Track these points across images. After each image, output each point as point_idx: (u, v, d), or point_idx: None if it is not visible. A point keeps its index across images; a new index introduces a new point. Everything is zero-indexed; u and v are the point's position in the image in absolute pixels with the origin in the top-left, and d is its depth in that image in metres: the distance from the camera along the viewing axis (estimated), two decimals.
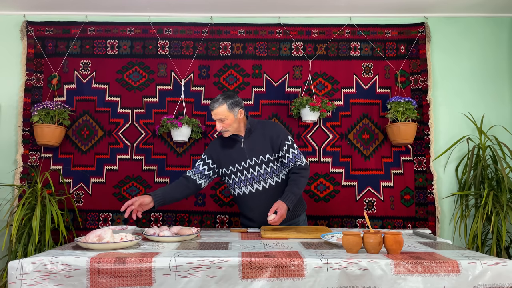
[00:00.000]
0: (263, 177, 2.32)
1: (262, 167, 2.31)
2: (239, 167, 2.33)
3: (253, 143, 2.32)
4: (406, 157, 3.18)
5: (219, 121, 2.27)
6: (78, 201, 3.13)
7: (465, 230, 2.95)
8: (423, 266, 1.47)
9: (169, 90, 3.23)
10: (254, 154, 2.31)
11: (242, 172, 2.32)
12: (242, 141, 2.34)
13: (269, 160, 2.31)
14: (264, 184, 2.32)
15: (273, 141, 2.32)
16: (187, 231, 1.96)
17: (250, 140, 2.33)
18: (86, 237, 1.73)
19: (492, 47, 3.30)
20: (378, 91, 3.24)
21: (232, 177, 2.36)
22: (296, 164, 2.33)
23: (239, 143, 2.35)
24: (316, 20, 3.31)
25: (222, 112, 2.24)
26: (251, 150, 2.32)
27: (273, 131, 2.34)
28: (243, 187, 2.35)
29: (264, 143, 2.31)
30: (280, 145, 2.31)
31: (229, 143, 2.38)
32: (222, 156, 2.37)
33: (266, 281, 1.48)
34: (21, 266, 1.49)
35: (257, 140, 2.33)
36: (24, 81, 3.20)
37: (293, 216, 2.41)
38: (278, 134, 2.32)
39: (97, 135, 3.18)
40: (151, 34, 3.28)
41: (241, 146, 2.33)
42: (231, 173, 2.35)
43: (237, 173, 2.34)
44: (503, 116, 3.24)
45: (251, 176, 2.32)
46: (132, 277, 1.48)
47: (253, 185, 2.32)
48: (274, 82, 3.24)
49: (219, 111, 2.24)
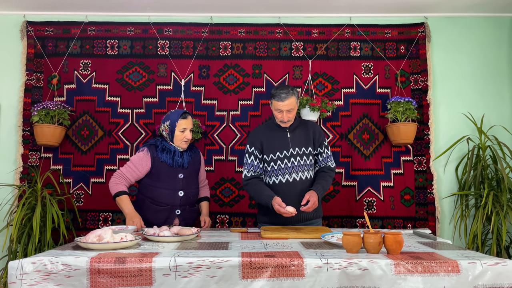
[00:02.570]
0: (301, 168, 2.40)
1: (302, 158, 2.40)
2: (280, 155, 2.40)
3: (298, 135, 2.44)
4: (406, 157, 3.18)
5: (286, 112, 2.34)
6: (78, 201, 3.13)
7: (465, 230, 2.95)
8: (423, 266, 1.47)
9: (169, 90, 3.23)
10: (297, 144, 2.42)
11: (283, 160, 2.39)
12: (287, 131, 2.44)
13: (310, 153, 2.43)
14: (302, 175, 2.40)
15: (315, 137, 2.46)
16: (187, 231, 1.96)
17: (296, 131, 2.45)
18: (86, 237, 1.73)
19: (492, 47, 3.30)
20: (378, 91, 3.24)
21: (272, 164, 2.41)
22: (327, 165, 2.47)
23: (285, 132, 2.44)
24: (316, 20, 3.31)
25: (292, 103, 2.33)
26: (295, 140, 2.42)
27: (315, 128, 2.50)
28: (280, 175, 2.40)
29: (308, 137, 2.44)
30: (321, 142, 2.47)
31: (273, 131, 2.46)
32: (266, 143, 2.44)
33: (266, 281, 1.48)
34: (21, 266, 1.49)
35: (302, 133, 2.45)
36: (24, 81, 3.20)
37: (314, 216, 2.46)
38: (320, 132, 2.50)
39: (97, 135, 3.18)
40: (151, 34, 3.28)
41: (287, 135, 2.43)
42: (271, 160, 2.41)
43: (278, 160, 2.40)
44: (503, 116, 3.24)
45: (291, 165, 2.39)
46: (132, 277, 1.48)
47: (291, 174, 2.39)
48: (274, 82, 3.24)
49: (290, 102, 2.32)
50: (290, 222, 2.40)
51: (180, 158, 2.47)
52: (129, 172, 2.42)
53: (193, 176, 2.54)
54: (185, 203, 2.48)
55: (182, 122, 2.43)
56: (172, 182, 2.44)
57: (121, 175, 2.41)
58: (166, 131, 2.48)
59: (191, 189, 2.51)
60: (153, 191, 2.44)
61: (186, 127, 2.44)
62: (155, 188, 2.44)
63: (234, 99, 3.22)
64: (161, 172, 2.43)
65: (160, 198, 2.43)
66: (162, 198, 2.43)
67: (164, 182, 2.43)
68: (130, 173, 2.42)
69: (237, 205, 3.14)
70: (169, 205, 2.43)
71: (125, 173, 2.42)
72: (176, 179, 2.44)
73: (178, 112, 2.47)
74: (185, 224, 2.50)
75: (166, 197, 2.43)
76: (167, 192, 2.43)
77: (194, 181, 2.55)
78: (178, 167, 2.46)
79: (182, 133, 2.44)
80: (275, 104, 2.35)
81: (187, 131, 2.45)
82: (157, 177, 2.43)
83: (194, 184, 2.54)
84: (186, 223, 2.51)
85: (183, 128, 2.44)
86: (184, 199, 2.46)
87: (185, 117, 2.45)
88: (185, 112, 2.48)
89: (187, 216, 2.52)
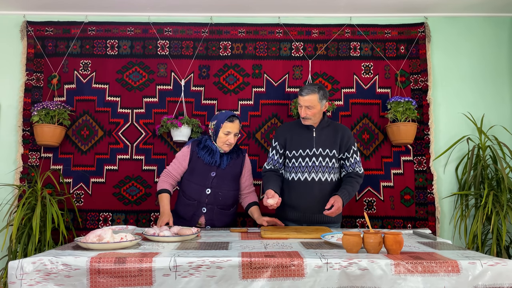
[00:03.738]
0: (322, 169, 2.41)
1: (325, 160, 2.41)
2: (303, 153, 2.42)
3: (324, 136, 2.46)
4: (406, 157, 3.18)
5: (305, 108, 2.37)
6: (78, 201, 3.13)
7: (465, 230, 2.95)
8: (423, 266, 1.47)
9: (169, 90, 3.23)
10: (322, 145, 2.43)
11: (304, 159, 2.41)
12: (314, 130, 2.46)
13: (334, 156, 2.44)
14: (321, 176, 2.41)
15: (343, 141, 2.46)
16: (187, 231, 1.96)
17: (322, 132, 2.47)
18: (86, 237, 1.73)
19: (492, 47, 3.30)
20: (378, 91, 3.24)
21: (293, 161, 2.44)
22: (355, 170, 2.48)
23: (311, 131, 2.46)
24: (316, 20, 3.31)
25: (312, 101, 2.35)
26: (321, 140, 2.44)
27: (345, 132, 2.49)
28: (299, 173, 2.42)
29: (335, 139, 2.45)
30: (348, 147, 2.46)
31: (300, 129, 2.49)
32: (290, 139, 2.48)
33: (266, 281, 1.48)
34: (21, 266, 1.49)
35: (329, 135, 2.46)
36: (24, 81, 3.20)
37: (334, 220, 2.47)
38: (349, 136, 2.48)
39: (97, 135, 3.18)
40: (151, 34, 3.28)
41: (313, 134, 2.45)
42: (293, 156, 2.44)
43: (299, 158, 2.42)
44: (503, 116, 3.24)
45: (312, 165, 2.40)
46: (132, 277, 1.48)
47: (311, 173, 2.40)
48: (274, 82, 3.24)
49: (309, 99, 2.35)
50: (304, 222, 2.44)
51: (219, 158, 2.48)
52: (174, 168, 2.52)
53: (228, 178, 2.50)
54: (213, 202, 2.46)
55: (228, 125, 2.43)
56: (202, 179, 2.46)
57: (167, 173, 2.53)
58: (212, 130, 2.51)
59: (222, 190, 2.47)
60: (186, 184, 2.51)
61: (230, 130, 2.43)
62: (188, 182, 2.50)
63: (234, 99, 3.22)
64: (195, 168, 2.48)
65: (190, 193, 2.48)
66: (191, 193, 2.48)
67: (196, 177, 2.47)
68: (175, 169, 2.52)
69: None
70: (196, 200, 2.46)
71: (171, 170, 2.53)
72: (208, 177, 2.46)
73: (227, 114, 2.46)
74: (212, 226, 2.49)
75: (194, 192, 2.47)
76: (196, 188, 2.46)
77: (228, 182, 2.50)
78: (213, 166, 2.47)
79: (225, 136, 2.44)
80: (298, 100, 2.40)
81: (231, 135, 2.44)
82: (191, 171, 2.50)
83: (227, 186, 2.49)
84: (212, 226, 2.49)
85: (227, 131, 2.43)
86: (211, 198, 2.45)
87: (232, 120, 2.44)
88: (233, 116, 2.46)
89: (214, 217, 2.48)
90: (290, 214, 2.48)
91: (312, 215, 2.42)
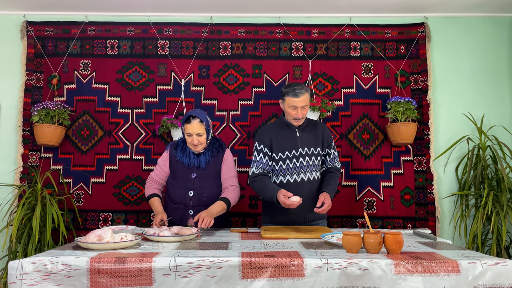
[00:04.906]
0: (309, 168, 2.39)
1: (311, 159, 2.40)
2: (289, 155, 2.38)
3: (307, 135, 2.42)
4: (406, 157, 3.18)
5: (301, 108, 2.32)
6: (78, 201, 3.13)
7: (465, 230, 2.95)
8: (423, 266, 1.47)
9: (169, 90, 3.23)
10: (307, 144, 2.40)
11: (292, 160, 2.38)
12: (297, 130, 2.41)
13: (318, 153, 2.43)
14: (310, 175, 2.39)
15: (324, 138, 2.45)
16: (187, 231, 1.96)
17: (305, 131, 2.43)
18: (86, 237, 1.73)
19: (492, 47, 3.30)
20: (378, 91, 3.24)
21: (280, 163, 2.39)
22: (334, 165, 2.49)
23: (294, 132, 2.42)
24: (316, 20, 3.31)
25: (306, 99, 2.32)
26: (305, 140, 2.40)
27: (324, 129, 2.48)
28: (288, 175, 2.39)
29: (316, 137, 2.43)
30: (329, 143, 2.46)
31: (283, 130, 2.43)
32: (275, 141, 2.41)
33: (266, 281, 1.48)
34: (21, 266, 1.49)
35: (311, 133, 2.43)
36: (24, 81, 3.20)
37: (320, 216, 2.47)
38: (328, 133, 2.49)
39: (97, 135, 3.18)
40: (151, 34, 3.28)
41: (296, 134, 2.41)
42: (279, 159, 2.39)
43: (286, 160, 2.38)
44: (503, 116, 3.24)
45: (300, 165, 2.38)
46: (132, 277, 1.48)
47: (299, 174, 2.38)
48: (274, 82, 3.24)
49: (305, 98, 2.31)
50: (296, 223, 2.41)
51: (196, 159, 2.43)
52: (156, 174, 2.51)
53: (210, 177, 2.43)
54: (198, 204, 2.41)
55: (187, 127, 2.35)
56: (184, 181, 2.42)
57: (151, 179, 2.53)
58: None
59: (205, 190, 2.41)
60: (170, 189, 2.50)
61: (190, 132, 2.34)
62: (171, 186, 2.48)
63: (234, 99, 3.22)
64: (177, 171, 2.45)
65: (174, 197, 2.46)
66: (175, 197, 2.46)
67: (178, 180, 2.44)
68: (157, 175, 2.51)
69: (237, 205, 3.14)
70: (181, 204, 2.44)
71: (154, 177, 2.52)
72: (189, 179, 2.42)
73: (186, 115, 2.39)
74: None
75: (178, 196, 2.44)
76: (179, 191, 2.44)
77: (211, 182, 2.43)
78: (194, 167, 2.43)
79: (189, 137, 2.37)
80: (289, 101, 2.30)
81: (193, 136, 2.34)
82: (173, 175, 2.47)
83: (210, 185, 2.43)
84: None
85: (188, 133, 2.35)
86: (195, 199, 2.40)
87: (189, 121, 2.34)
88: (191, 116, 2.35)
89: None
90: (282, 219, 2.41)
91: (305, 215, 2.40)
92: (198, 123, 2.34)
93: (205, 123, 2.36)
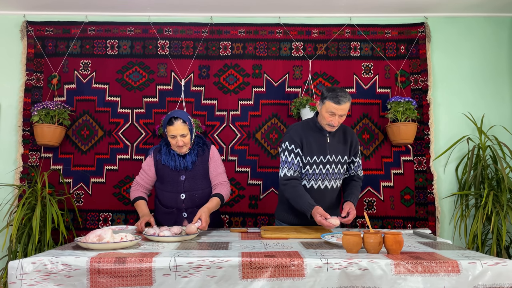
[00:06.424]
0: (334, 176, 2.34)
1: (337, 167, 2.34)
2: (317, 160, 2.30)
3: (336, 141, 2.34)
4: (406, 157, 3.18)
5: (339, 116, 2.22)
6: (78, 201, 3.13)
7: (465, 230, 2.95)
8: (423, 266, 1.47)
9: (169, 90, 3.23)
10: (335, 152, 2.32)
11: (318, 166, 2.30)
12: (327, 135, 2.32)
13: (345, 162, 2.36)
14: (333, 183, 2.35)
15: (352, 146, 2.38)
16: (193, 228, 1.96)
17: (335, 138, 2.34)
18: (86, 237, 1.73)
19: (492, 47, 3.30)
20: (378, 91, 3.24)
21: (307, 168, 2.31)
22: (357, 173, 2.43)
23: (325, 136, 2.32)
24: (316, 20, 3.31)
25: (346, 109, 2.21)
26: (334, 147, 2.33)
27: (353, 137, 2.40)
28: (313, 180, 2.32)
29: (345, 145, 2.36)
30: (356, 151, 2.40)
31: (313, 132, 2.33)
32: (306, 143, 2.31)
33: (266, 281, 1.48)
34: (21, 266, 1.49)
35: (340, 140, 2.35)
36: (24, 81, 3.20)
37: None
38: (357, 141, 2.41)
39: (97, 135, 3.18)
40: (151, 34, 3.28)
41: (326, 140, 2.32)
42: (307, 163, 2.30)
43: (313, 165, 2.30)
44: (503, 116, 3.24)
45: (326, 172, 2.31)
46: (132, 277, 1.48)
47: (324, 181, 2.32)
48: (274, 82, 3.24)
49: (345, 107, 2.20)
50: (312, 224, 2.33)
51: (182, 160, 2.35)
52: (142, 178, 2.45)
53: (200, 177, 2.38)
54: (191, 206, 2.37)
55: (170, 129, 2.27)
56: (174, 185, 2.36)
57: (136, 183, 2.46)
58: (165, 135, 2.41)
59: (196, 191, 2.36)
60: (160, 194, 2.43)
61: (174, 134, 2.25)
62: (161, 191, 2.42)
63: (234, 99, 3.22)
64: (164, 175, 2.38)
65: (165, 202, 2.40)
66: (166, 202, 2.39)
67: (167, 185, 2.38)
68: (142, 179, 2.45)
69: (237, 205, 3.14)
70: (174, 208, 2.38)
71: (139, 181, 2.46)
72: (178, 182, 2.35)
73: (167, 117, 2.30)
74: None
75: (169, 201, 2.38)
76: (170, 195, 2.37)
77: (201, 182, 2.38)
78: (181, 170, 2.36)
79: (172, 139, 2.29)
80: (328, 106, 2.19)
81: (176, 138, 2.27)
82: (161, 180, 2.40)
83: (200, 185, 2.38)
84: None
85: (172, 135, 2.27)
86: (188, 202, 2.36)
87: (172, 123, 2.25)
88: (173, 117, 2.27)
89: None
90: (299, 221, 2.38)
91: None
92: (181, 123, 2.26)
93: (188, 123, 2.29)
